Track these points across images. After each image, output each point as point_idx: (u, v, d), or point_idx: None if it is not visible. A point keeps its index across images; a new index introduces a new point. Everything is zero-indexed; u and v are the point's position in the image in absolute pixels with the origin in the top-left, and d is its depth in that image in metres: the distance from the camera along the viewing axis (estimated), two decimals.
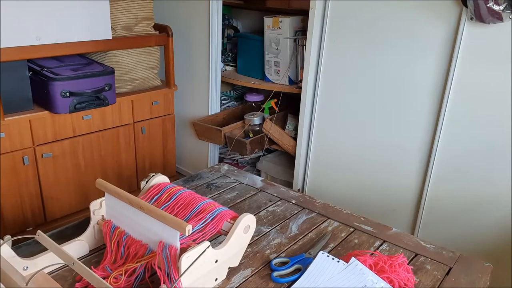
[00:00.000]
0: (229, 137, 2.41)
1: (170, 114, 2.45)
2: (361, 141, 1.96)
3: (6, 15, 1.68)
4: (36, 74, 1.90)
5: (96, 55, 2.15)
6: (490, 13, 1.42)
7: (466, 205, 1.72)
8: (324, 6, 1.91)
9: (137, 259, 0.88)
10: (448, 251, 1.07)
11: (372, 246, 1.07)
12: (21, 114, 1.84)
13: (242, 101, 2.91)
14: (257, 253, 1.02)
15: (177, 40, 2.49)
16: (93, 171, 2.15)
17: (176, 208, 0.94)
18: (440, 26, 1.62)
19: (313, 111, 2.09)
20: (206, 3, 2.38)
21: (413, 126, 1.79)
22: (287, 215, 1.20)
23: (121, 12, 2.10)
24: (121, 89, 2.20)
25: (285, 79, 2.44)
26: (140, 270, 0.87)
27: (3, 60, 1.71)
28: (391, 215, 1.93)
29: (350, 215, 1.22)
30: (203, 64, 2.53)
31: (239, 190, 1.33)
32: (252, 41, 2.59)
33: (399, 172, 1.87)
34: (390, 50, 1.77)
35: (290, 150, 2.33)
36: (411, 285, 0.91)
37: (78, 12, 1.90)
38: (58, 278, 0.88)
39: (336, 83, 1.98)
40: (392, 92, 1.81)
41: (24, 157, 1.88)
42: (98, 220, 0.98)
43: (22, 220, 1.96)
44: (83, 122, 2.04)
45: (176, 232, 0.82)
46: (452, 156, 1.71)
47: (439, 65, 1.66)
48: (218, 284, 0.90)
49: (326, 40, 1.95)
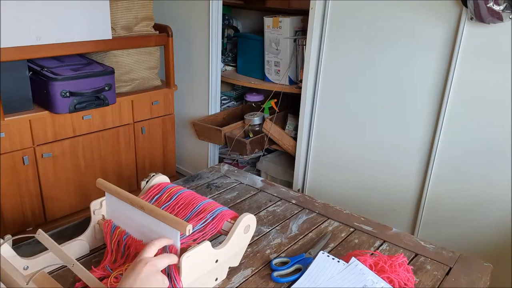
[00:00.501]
0: (229, 137, 2.41)
1: (170, 114, 2.45)
2: (361, 141, 1.96)
3: (6, 15, 1.68)
4: (36, 74, 1.90)
5: (96, 55, 2.15)
6: (490, 13, 1.42)
7: (466, 205, 1.72)
8: (324, 6, 1.91)
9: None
10: (448, 251, 1.07)
11: (372, 246, 1.07)
12: (21, 114, 1.84)
13: (242, 101, 2.91)
14: (257, 253, 1.02)
15: (177, 40, 2.49)
16: (93, 171, 2.15)
17: (176, 208, 0.94)
18: (440, 26, 1.62)
19: (313, 111, 2.09)
20: (206, 3, 2.38)
21: (413, 126, 1.79)
22: (287, 215, 1.20)
23: (121, 12, 2.10)
24: (121, 89, 2.20)
25: (285, 79, 2.44)
26: None
27: (3, 60, 1.71)
28: (391, 215, 1.93)
29: (350, 215, 1.22)
30: (203, 64, 2.53)
31: (239, 190, 1.33)
32: (252, 41, 2.59)
33: (399, 172, 1.87)
34: (390, 50, 1.77)
35: (290, 150, 2.33)
36: (411, 285, 0.91)
37: (78, 12, 1.90)
38: (58, 277, 0.88)
39: (336, 83, 1.98)
40: (392, 92, 1.81)
41: (24, 157, 1.88)
42: (98, 220, 0.98)
43: (22, 220, 1.95)
44: (83, 122, 2.04)
45: (176, 232, 0.82)
46: (452, 156, 1.71)
47: (439, 65, 1.66)
48: (218, 284, 0.90)
49: (326, 40, 1.95)
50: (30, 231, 1.97)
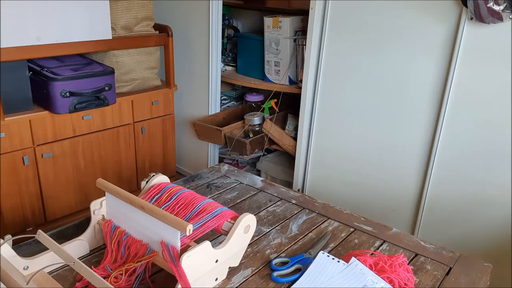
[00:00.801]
0: (229, 137, 2.41)
1: (170, 114, 2.45)
2: (361, 141, 1.96)
3: (6, 15, 1.68)
4: (36, 74, 1.90)
5: (96, 55, 2.15)
6: (490, 13, 1.42)
7: (466, 205, 1.72)
8: (324, 6, 1.91)
9: (137, 258, 0.88)
10: (448, 251, 1.07)
11: (372, 246, 1.08)
12: (21, 114, 1.84)
13: (242, 101, 2.91)
14: (257, 253, 1.02)
15: (177, 40, 2.49)
16: (93, 171, 2.15)
17: (176, 208, 0.94)
18: (440, 26, 1.62)
19: (313, 111, 2.09)
20: (206, 3, 2.38)
21: (413, 126, 1.79)
22: (287, 215, 1.20)
23: (121, 12, 2.10)
24: (121, 89, 2.19)
25: (285, 79, 2.44)
26: (141, 270, 0.87)
27: (3, 60, 1.71)
28: (391, 215, 1.93)
29: (350, 215, 1.22)
30: (203, 64, 2.53)
31: (239, 190, 1.33)
32: (252, 41, 2.59)
33: (399, 172, 1.87)
34: (390, 50, 1.77)
35: (290, 150, 2.33)
36: (411, 285, 0.91)
37: (78, 12, 1.90)
38: (58, 277, 0.88)
39: (336, 83, 1.98)
40: (392, 92, 1.81)
41: (24, 157, 1.88)
42: (98, 220, 0.98)
43: (22, 220, 1.95)
44: (83, 122, 2.04)
45: (177, 232, 0.82)
46: (452, 156, 1.71)
47: (439, 65, 1.67)
48: (218, 284, 0.90)
49: (326, 40, 1.95)
50: (30, 231, 1.97)
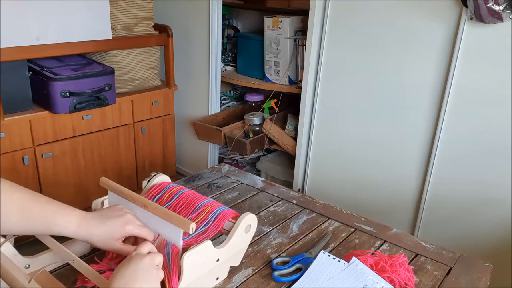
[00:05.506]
0: (229, 137, 2.41)
1: (170, 114, 2.45)
2: (361, 141, 1.96)
3: (6, 15, 1.68)
4: (36, 74, 1.90)
5: (96, 55, 2.15)
6: (490, 13, 1.42)
7: (466, 205, 1.72)
8: (324, 6, 1.91)
9: None
10: (448, 251, 1.07)
11: (372, 246, 1.08)
12: (21, 114, 1.84)
13: (242, 101, 2.91)
14: (258, 252, 1.02)
15: (177, 40, 2.49)
16: (93, 171, 2.15)
17: (177, 207, 0.94)
18: (440, 26, 1.63)
19: (313, 111, 2.09)
20: (206, 3, 2.38)
21: (413, 126, 1.79)
22: (287, 215, 1.20)
23: (121, 12, 2.10)
24: (121, 89, 2.20)
25: (285, 79, 2.44)
26: None
27: (3, 60, 1.71)
28: (391, 215, 1.93)
29: (351, 215, 1.22)
30: (203, 64, 2.53)
31: (240, 190, 1.33)
32: (252, 41, 2.59)
33: (399, 172, 1.87)
34: (390, 50, 1.77)
35: (290, 150, 2.33)
36: (412, 284, 0.91)
37: (78, 12, 1.90)
38: (60, 276, 0.88)
39: (336, 83, 1.98)
40: (392, 92, 1.81)
41: (24, 157, 1.88)
42: None
43: None
44: (83, 122, 2.04)
45: (179, 230, 0.82)
46: (452, 156, 1.71)
47: (439, 65, 1.67)
48: (219, 283, 0.90)
49: (326, 40, 1.95)
50: None
